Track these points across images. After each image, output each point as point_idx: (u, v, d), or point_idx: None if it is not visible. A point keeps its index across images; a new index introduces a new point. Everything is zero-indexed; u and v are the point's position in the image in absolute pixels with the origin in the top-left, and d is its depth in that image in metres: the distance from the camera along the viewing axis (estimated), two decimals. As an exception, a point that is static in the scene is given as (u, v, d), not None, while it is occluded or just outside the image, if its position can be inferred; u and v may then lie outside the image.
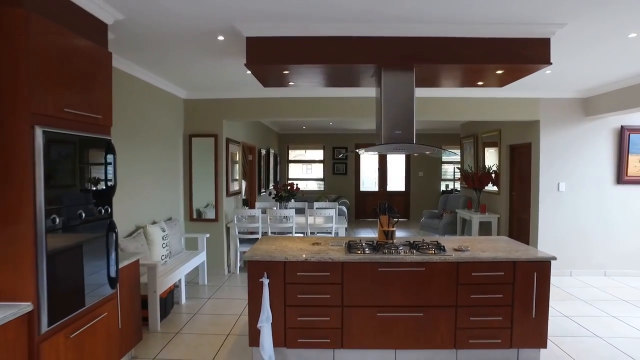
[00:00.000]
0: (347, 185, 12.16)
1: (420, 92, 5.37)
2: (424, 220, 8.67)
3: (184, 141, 6.05)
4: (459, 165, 9.31)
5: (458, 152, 9.31)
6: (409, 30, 3.14)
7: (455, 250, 3.35)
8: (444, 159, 11.98)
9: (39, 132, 2.16)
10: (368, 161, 12.19)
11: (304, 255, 3.21)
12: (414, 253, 3.25)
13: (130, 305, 3.28)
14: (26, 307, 2.12)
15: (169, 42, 3.55)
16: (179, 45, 3.64)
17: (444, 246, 3.43)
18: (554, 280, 5.59)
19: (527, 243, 6.19)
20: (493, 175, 7.21)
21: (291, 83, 3.93)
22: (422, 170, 11.87)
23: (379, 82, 3.35)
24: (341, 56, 3.23)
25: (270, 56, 3.24)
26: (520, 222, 6.57)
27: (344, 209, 9.40)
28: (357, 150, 3.71)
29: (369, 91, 4.38)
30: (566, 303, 4.79)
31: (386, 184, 12.16)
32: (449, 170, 12.01)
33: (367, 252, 3.31)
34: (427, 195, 11.74)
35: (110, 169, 2.80)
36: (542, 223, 5.95)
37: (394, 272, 3.18)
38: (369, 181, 12.31)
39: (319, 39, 3.20)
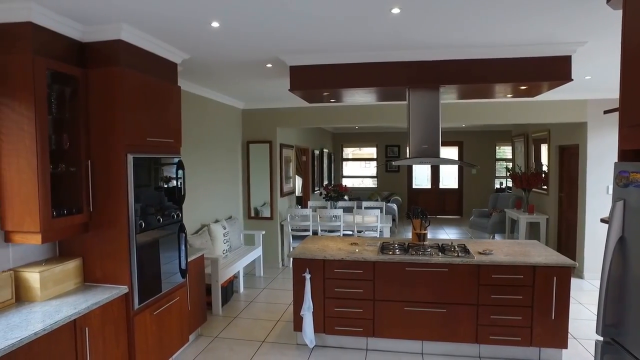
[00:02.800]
0: (400, 183, 12.40)
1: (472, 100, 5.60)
2: (473, 218, 8.76)
3: (242, 147, 6.74)
4: (510, 164, 9.23)
5: (509, 149, 9.22)
6: (434, 54, 3.47)
7: (480, 253, 3.65)
8: (498, 155, 11.82)
9: (130, 158, 2.83)
10: (420, 161, 12.31)
11: (340, 255, 3.68)
12: (439, 255, 3.61)
13: (197, 292, 3.96)
14: (124, 289, 2.83)
15: (226, 69, 4.16)
16: (234, 71, 4.24)
17: (469, 249, 3.74)
18: (594, 282, 5.61)
19: (575, 245, 6.19)
20: (543, 175, 7.18)
21: (332, 101, 4.40)
22: (476, 168, 11.79)
23: (407, 100, 3.71)
24: (373, 80, 3.64)
25: (310, 82, 3.72)
26: (569, 223, 6.53)
27: (395, 206, 9.72)
28: (389, 162, 4.09)
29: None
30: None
31: (439, 182, 12.24)
32: (504, 168, 11.82)
33: (397, 253, 3.71)
34: (480, 193, 11.67)
35: (180, 181, 3.46)
36: (589, 225, 5.91)
37: (420, 271, 3.57)
38: (421, 178, 12.45)
39: (353, 65, 3.63)
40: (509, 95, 4.14)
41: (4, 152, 2.51)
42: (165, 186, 3.33)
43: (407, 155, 3.70)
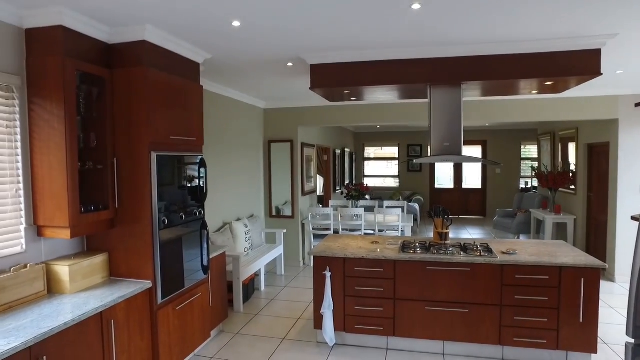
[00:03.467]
0: (422, 183, 12.27)
1: (496, 97, 5.48)
2: (497, 219, 8.59)
3: (264, 146, 6.80)
4: (535, 164, 9.01)
5: (535, 148, 9.00)
6: (455, 51, 3.42)
7: (503, 253, 3.58)
8: (524, 155, 11.54)
9: (154, 156, 2.90)
10: (443, 159, 12.15)
11: (361, 253, 3.67)
12: (461, 254, 3.55)
13: (218, 288, 4.02)
14: (148, 284, 2.90)
15: (247, 68, 4.21)
16: (256, 70, 4.28)
17: (492, 249, 3.67)
18: (626, 286, 5.40)
19: (605, 246, 5.99)
20: (571, 175, 6.97)
21: (353, 99, 4.39)
22: (500, 167, 11.55)
23: (429, 97, 3.67)
24: (394, 77, 3.61)
25: (330, 80, 3.73)
26: (598, 224, 6.32)
27: (417, 206, 9.63)
28: (410, 161, 4.04)
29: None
30: None
31: (462, 181, 12.04)
32: (529, 167, 11.53)
33: (418, 251, 3.67)
34: (505, 193, 11.43)
35: (202, 179, 3.52)
36: (621, 226, 5.70)
37: (441, 271, 3.52)
38: (444, 178, 12.29)
39: (374, 63, 3.61)
40: (534, 92, 4.04)
41: (36, 150, 2.61)
42: (188, 184, 3.39)
43: (429, 154, 3.66)
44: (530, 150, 11.55)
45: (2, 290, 2.37)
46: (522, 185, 11.43)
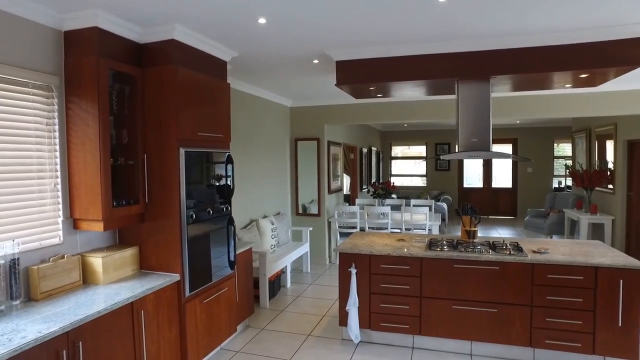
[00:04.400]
0: (450, 182, 12.06)
1: (526, 92, 5.32)
2: (528, 219, 8.33)
3: (290, 144, 6.85)
4: (569, 162, 8.68)
5: (569, 146, 8.68)
6: (484, 44, 3.34)
7: (534, 252, 3.47)
8: (557, 153, 11.15)
9: (182, 152, 2.97)
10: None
11: (386, 251, 3.65)
12: (490, 252, 3.47)
13: (245, 284, 4.08)
14: (176, 277, 2.97)
15: (274, 66, 4.25)
16: (282, 67, 4.32)
17: (522, 247, 3.57)
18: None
19: (644, 248, 5.72)
20: (608, 173, 6.68)
21: (379, 95, 4.36)
22: (532, 166, 11.20)
23: (456, 92, 3.60)
24: (420, 72, 3.56)
25: (356, 76, 3.71)
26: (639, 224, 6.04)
27: (445, 205, 9.46)
28: (439, 157, 3.98)
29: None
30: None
31: (491, 181, 11.75)
32: (562, 166, 11.12)
33: (445, 249, 3.61)
34: (536, 193, 11.07)
35: (229, 175, 3.58)
36: (662, 227, 5.43)
37: (469, 269, 3.45)
38: (473, 177, 12.03)
39: (399, 58, 3.58)
40: (568, 86, 3.90)
41: (72, 146, 2.73)
42: (215, 180, 3.45)
43: (457, 150, 3.59)
44: (563, 149, 11.16)
45: (43, 279, 2.49)
46: (555, 185, 11.05)
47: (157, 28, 2.95)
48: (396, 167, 12.88)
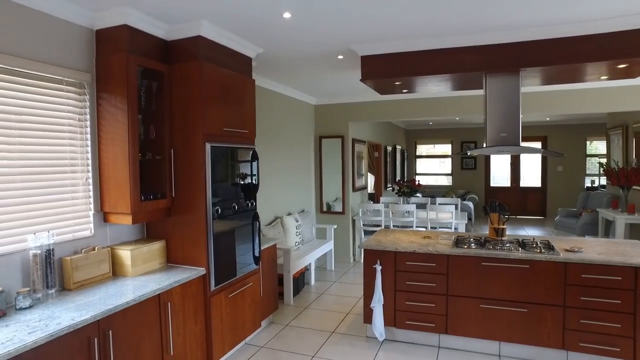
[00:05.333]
0: (476, 181, 11.80)
1: (557, 86, 5.14)
2: (558, 219, 8.07)
3: (314, 142, 6.84)
4: (604, 160, 8.35)
5: (604, 144, 8.35)
6: (513, 36, 3.24)
7: (566, 250, 3.35)
8: (589, 151, 10.75)
9: (208, 147, 3.01)
10: (499, 156, 11.61)
11: (412, 247, 3.59)
12: (519, 250, 3.37)
13: (269, 280, 4.10)
14: (202, 270, 3.01)
15: (299, 62, 4.25)
16: (307, 64, 4.31)
17: (553, 246, 3.45)
18: None
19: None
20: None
21: (404, 91, 4.30)
22: (562, 165, 10.84)
23: (484, 86, 3.51)
24: (447, 66, 3.49)
25: (382, 71, 3.67)
26: (678, 225, 5.75)
27: (471, 205, 9.28)
28: (465, 152, 3.88)
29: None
30: None
31: (519, 180, 11.44)
32: (596, 165, 10.71)
33: (472, 247, 3.53)
34: (567, 192, 10.71)
35: (254, 171, 3.60)
36: None
37: (497, 267, 3.35)
38: (500, 176, 11.73)
39: (426, 52, 3.52)
40: (604, 78, 3.74)
41: (103, 141, 2.80)
42: (240, 179, 3.48)
43: (486, 144, 3.50)
44: (597, 147, 10.75)
45: (76, 269, 2.56)
46: (588, 184, 10.66)
47: (184, 25, 2.99)
48: (421, 166, 12.70)
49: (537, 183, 11.23)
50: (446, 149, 12.29)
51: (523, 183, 11.40)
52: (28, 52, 2.43)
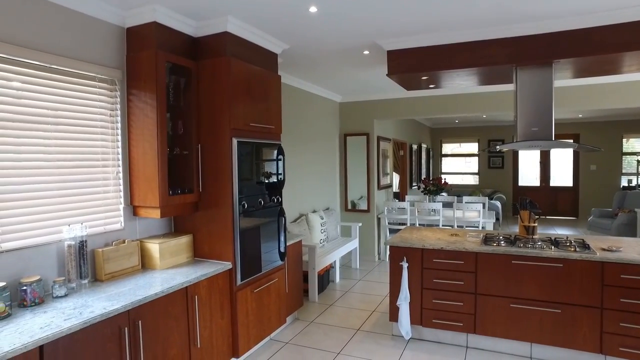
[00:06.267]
0: (504, 180, 11.51)
1: (591, 79, 4.95)
2: (592, 219, 7.77)
3: (339, 140, 6.82)
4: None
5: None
6: (544, 26, 3.13)
7: (603, 250, 3.21)
8: (626, 149, 10.31)
9: (234, 142, 3.03)
10: (527, 154, 11.29)
11: (440, 245, 3.52)
12: (552, 249, 3.25)
13: (294, 276, 4.10)
14: (228, 265, 3.03)
15: (324, 58, 4.23)
16: (332, 60, 4.30)
17: (589, 245, 3.32)
18: None
19: None
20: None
21: (431, 86, 4.23)
22: (596, 164, 10.44)
23: (514, 79, 3.41)
24: (476, 59, 3.41)
25: (408, 66, 3.62)
26: None
27: (498, 204, 9.05)
28: (496, 147, 3.78)
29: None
30: None
31: (549, 179, 11.08)
32: (633, 163, 10.26)
33: (502, 244, 3.43)
34: (601, 192, 10.30)
35: (280, 167, 3.61)
36: None
37: (529, 265, 3.25)
38: (528, 175, 11.40)
39: (454, 45, 3.45)
40: (643, 70, 3.57)
41: (133, 137, 2.86)
42: (266, 171, 3.49)
43: (517, 139, 3.39)
44: (634, 145, 10.30)
45: (107, 261, 2.63)
46: (624, 183, 10.23)
47: (211, 21, 3.03)
48: (446, 165, 12.49)
49: (569, 182, 10.85)
50: (472, 148, 12.04)
51: (553, 182, 11.05)
52: (63, 50, 2.51)
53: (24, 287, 2.16)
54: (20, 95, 2.30)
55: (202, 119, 3.08)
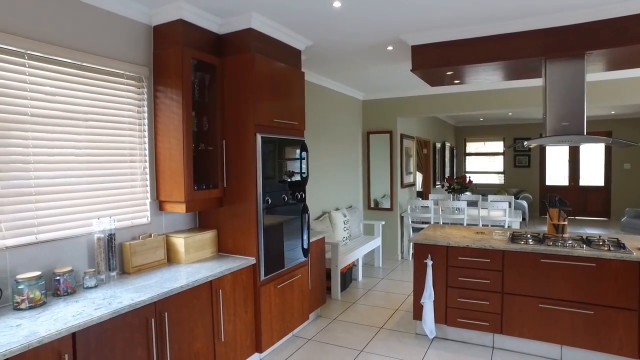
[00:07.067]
0: (530, 179, 11.22)
1: (625, 72, 4.77)
2: (625, 219, 7.49)
3: (362, 138, 6.79)
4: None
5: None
6: (576, 16, 3.03)
7: None
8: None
9: (258, 138, 3.05)
10: (555, 152, 10.96)
11: (465, 242, 3.46)
12: (583, 248, 3.14)
13: (317, 273, 4.09)
14: (252, 260, 3.05)
15: (347, 55, 4.22)
16: (355, 56, 4.28)
17: (624, 244, 3.19)
18: None
19: None
20: None
21: (456, 82, 4.15)
22: (630, 162, 10.05)
23: (543, 73, 3.31)
24: (502, 53, 3.33)
25: (433, 60, 3.56)
26: None
27: (525, 204, 8.84)
28: (523, 143, 3.67)
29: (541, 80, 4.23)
30: None
31: (578, 178, 10.73)
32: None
33: (530, 243, 3.34)
34: (636, 192, 9.91)
35: (304, 163, 3.61)
36: None
37: (559, 264, 3.15)
38: (556, 175, 11.07)
39: (480, 39, 3.37)
40: (682, 61, 3.42)
41: (159, 132, 2.91)
42: (289, 170, 3.50)
43: (546, 134, 3.30)
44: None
45: (134, 254, 2.68)
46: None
47: (235, 18, 3.05)
48: (470, 164, 12.27)
49: (600, 182, 10.49)
50: (497, 147, 11.79)
51: (583, 182, 10.70)
52: (94, 47, 2.57)
53: (58, 277, 2.23)
54: (53, 92, 2.38)
55: (227, 115, 3.11)
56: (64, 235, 2.42)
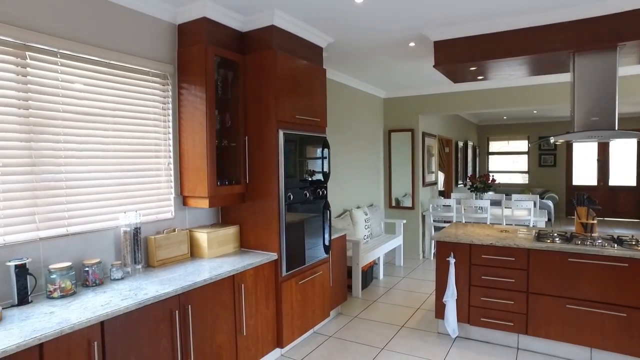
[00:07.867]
0: (556, 179, 10.93)
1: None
2: (658, 220, 7.21)
3: (384, 136, 6.74)
4: None
5: None
6: (609, 7, 2.94)
7: (673, 248, 2.97)
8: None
9: (280, 134, 3.06)
10: (583, 151, 10.63)
11: (489, 240, 3.39)
12: (614, 247, 3.04)
13: (338, 270, 4.09)
14: (273, 256, 3.07)
15: (369, 52, 4.20)
16: (377, 53, 4.25)
17: (657, 243, 3.07)
18: None
19: None
20: None
21: (480, 77, 4.08)
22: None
23: (572, 67, 3.22)
24: (528, 47, 3.25)
25: (456, 56, 3.51)
26: None
27: (550, 204, 8.62)
28: (550, 139, 3.57)
29: (569, 75, 4.12)
30: None
31: (608, 178, 10.39)
32: None
33: (557, 241, 3.25)
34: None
35: (325, 160, 3.61)
36: None
37: (588, 264, 3.05)
38: (584, 174, 10.74)
39: (504, 33, 3.31)
40: None
41: (183, 129, 2.96)
42: (311, 168, 3.51)
43: (574, 129, 3.20)
44: None
45: (159, 248, 2.74)
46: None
47: (258, 15, 3.08)
48: (494, 163, 12.03)
49: (632, 182, 10.13)
50: (521, 146, 11.53)
51: (612, 182, 10.35)
52: (121, 46, 2.64)
53: (87, 268, 2.30)
54: (83, 90, 2.44)
55: (249, 111, 3.14)
56: (92, 228, 2.49)
